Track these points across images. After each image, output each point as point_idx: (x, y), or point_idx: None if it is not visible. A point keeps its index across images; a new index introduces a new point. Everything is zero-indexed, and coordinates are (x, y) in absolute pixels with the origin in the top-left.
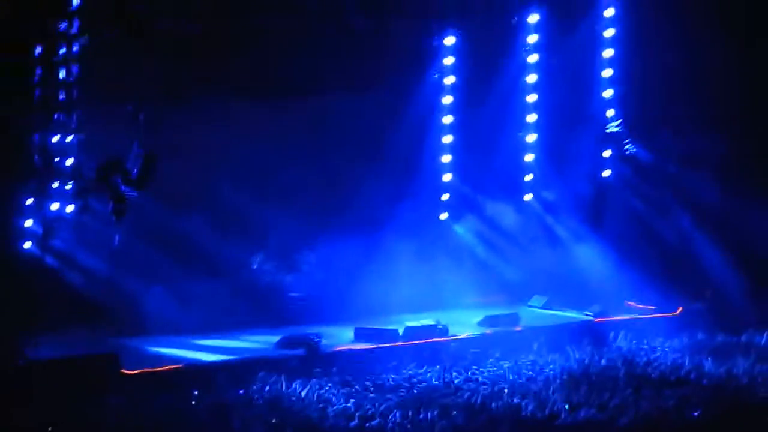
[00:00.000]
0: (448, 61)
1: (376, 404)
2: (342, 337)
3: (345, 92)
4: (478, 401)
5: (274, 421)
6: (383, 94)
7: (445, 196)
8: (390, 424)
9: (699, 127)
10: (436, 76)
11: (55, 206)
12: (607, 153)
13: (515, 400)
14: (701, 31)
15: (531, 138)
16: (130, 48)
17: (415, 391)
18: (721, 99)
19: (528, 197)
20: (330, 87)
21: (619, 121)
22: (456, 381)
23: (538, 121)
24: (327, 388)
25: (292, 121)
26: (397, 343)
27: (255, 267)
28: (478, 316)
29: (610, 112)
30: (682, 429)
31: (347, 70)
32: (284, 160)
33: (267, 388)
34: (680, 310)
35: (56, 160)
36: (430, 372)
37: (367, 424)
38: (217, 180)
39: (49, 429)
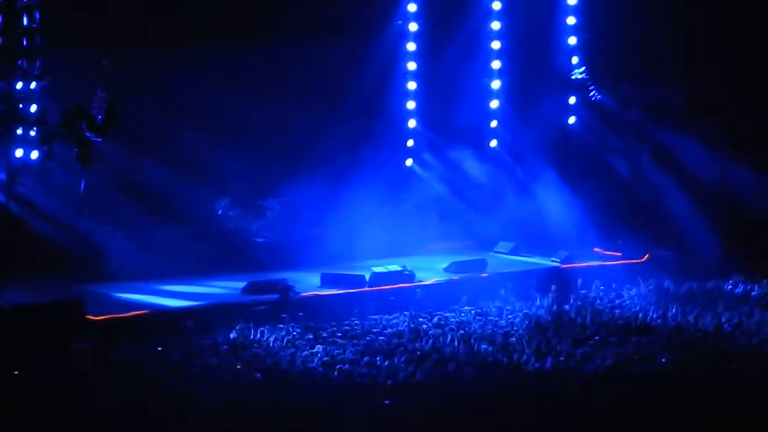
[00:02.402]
0: (412, 7)
1: (344, 350)
2: (308, 283)
3: (309, 38)
4: (445, 348)
5: (239, 367)
6: (347, 41)
7: (410, 142)
8: (357, 370)
9: (662, 74)
10: (400, 22)
11: (19, 153)
12: (571, 100)
13: (482, 347)
14: None
15: (496, 84)
16: None
17: (381, 337)
18: (684, 46)
19: (493, 143)
20: (293, 33)
21: (583, 68)
22: (423, 327)
23: (502, 67)
24: (294, 333)
25: (257, 67)
26: (363, 289)
27: (220, 213)
28: (444, 262)
29: (575, 59)
30: (648, 375)
31: (311, 16)
32: (249, 107)
33: (233, 334)
34: (646, 257)
35: (20, 106)
36: (396, 318)
37: (336, 369)
38: (182, 126)
39: (15, 373)
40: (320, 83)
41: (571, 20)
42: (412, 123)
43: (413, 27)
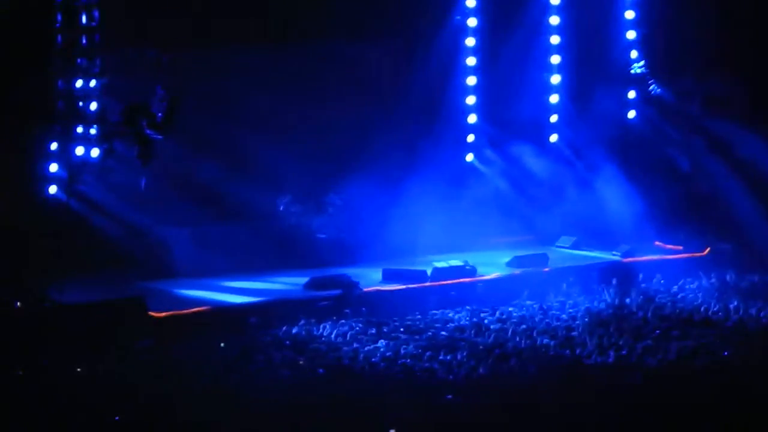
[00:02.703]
0: (471, 2)
1: (406, 345)
2: (370, 279)
3: (366, 36)
4: (507, 342)
5: (301, 362)
6: (405, 37)
7: (470, 138)
8: (420, 365)
9: (723, 69)
10: (458, 18)
11: (80, 151)
12: (631, 94)
13: (544, 341)
14: None
15: (555, 79)
16: None
17: (444, 332)
18: (745, 41)
19: (553, 138)
20: (354, 32)
21: (642, 62)
22: (485, 321)
23: (562, 62)
24: (357, 329)
25: (315, 66)
26: (425, 284)
27: (282, 209)
28: (506, 257)
29: (634, 54)
30: (710, 369)
31: (367, 13)
32: (308, 105)
33: (296, 329)
34: (708, 250)
35: (80, 104)
36: (458, 313)
37: (398, 364)
38: (242, 124)
39: (77, 370)
40: (379, 80)
41: (630, 14)
42: (472, 118)
43: (472, 22)
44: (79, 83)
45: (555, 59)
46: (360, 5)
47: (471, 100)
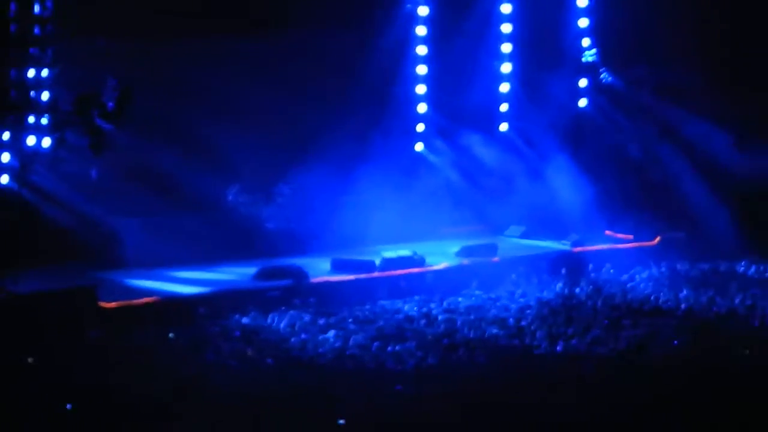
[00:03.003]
0: None
1: (355, 335)
2: (319, 269)
3: (317, 24)
4: (456, 332)
5: (250, 353)
6: (357, 26)
7: (420, 127)
8: (369, 356)
9: (674, 58)
10: (409, 6)
11: (31, 140)
12: (582, 82)
13: (493, 331)
14: None
15: (506, 68)
16: None
17: (393, 322)
18: (696, 30)
19: (504, 127)
20: (302, 19)
21: (594, 51)
22: (434, 312)
23: (513, 50)
24: (306, 319)
25: (266, 56)
26: (374, 274)
27: (230, 199)
28: (455, 247)
29: (586, 42)
30: (660, 358)
31: (321, 3)
32: (259, 94)
33: (245, 320)
34: (658, 239)
35: (32, 94)
36: (407, 303)
37: (347, 355)
38: (193, 114)
39: (29, 360)
40: (330, 69)
41: (582, 2)
42: (422, 107)
43: (423, 11)
44: (31, 73)
45: (506, 48)
46: None
47: (421, 89)
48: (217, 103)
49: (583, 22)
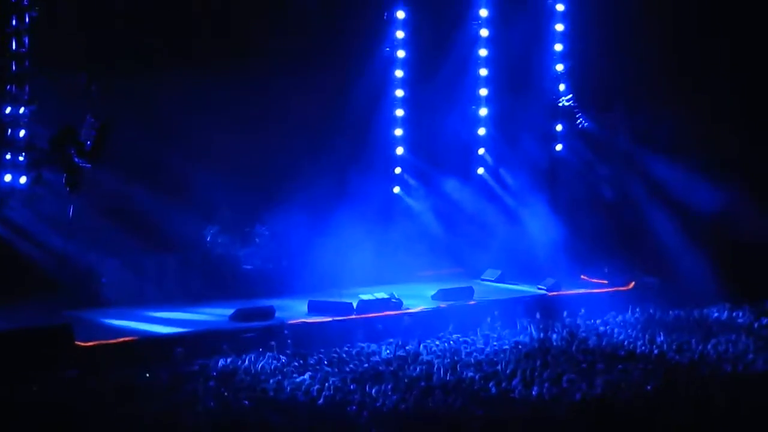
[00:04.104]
0: (400, 34)
1: (332, 377)
2: (296, 310)
3: (297, 66)
4: (433, 375)
5: (226, 394)
6: (335, 69)
7: (397, 170)
8: (345, 398)
9: (650, 104)
10: (387, 49)
11: (8, 178)
12: (558, 127)
13: (469, 374)
14: (654, 8)
15: (483, 112)
16: (82, 20)
17: (367, 365)
18: (672, 76)
19: (480, 171)
20: (282, 61)
21: (570, 96)
22: (410, 354)
23: (489, 94)
24: (282, 361)
25: (245, 95)
26: (351, 317)
27: (209, 240)
28: (432, 290)
29: (562, 87)
30: (635, 402)
31: (299, 44)
32: (237, 134)
33: (221, 361)
34: (632, 284)
35: (9, 131)
36: (384, 345)
37: (323, 397)
38: (171, 153)
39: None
40: (308, 110)
41: (558, 47)
42: (399, 150)
43: (401, 54)
44: (8, 110)
45: (483, 92)
46: (290, 37)
47: (399, 131)
48: (196, 144)
49: (560, 67)
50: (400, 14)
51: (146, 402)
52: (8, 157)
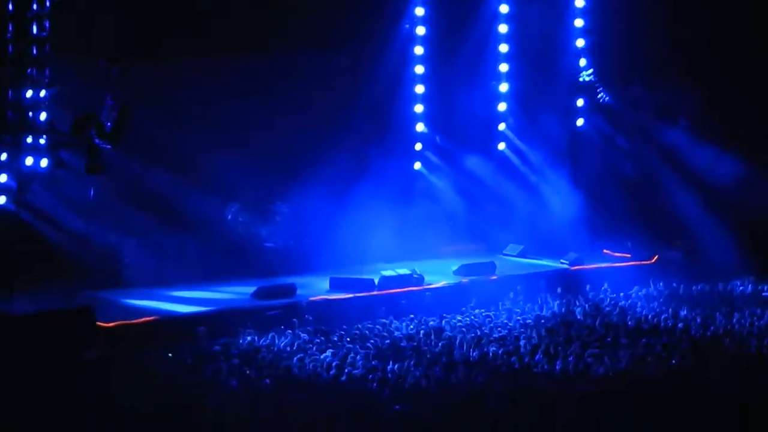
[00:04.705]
0: (419, 11)
1: (354, 354)
2: (317, 288)
3: (316, 45)
4: (455, 350)
5: (248, 372)
6: (354, 47)
7: (418, 146)
8: (368, 374)
9: (671, 78)
10: (407, 26)
11: (29, 161)
12: (580, 102)
13: (491, 349)
14: None
15: (504, 87)
16: (102, 4)
17: (389, 341)
18: (692, 51)
19: (501, 146)
20: (299, 40)
21: (591, 71)
22: (432, 330)
23: (510, 70)
24: (304, 338)
25: (262, 75)
26: (372, 293)
27: (230, 218)
28: (454, 265)
29: (583, 62)
30: (659, 377)
31: (318, 24)
32: (256, 114)
33: (244, 339)
34: (656, 258)
35: (30, 114)
36: (406, 321)
37: (345, 374)
38: (192, 134)
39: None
40: (328, 89)
41: (579, 23)
42: (420, 126)
43: (421, 31)
44: (29, 93)
45: (504, 67)
46: (310, 15)
47: (419, 108)
48: (217, 124)
49: (580, 42)
50: None
51: (168, 382)
52: (29, 140)
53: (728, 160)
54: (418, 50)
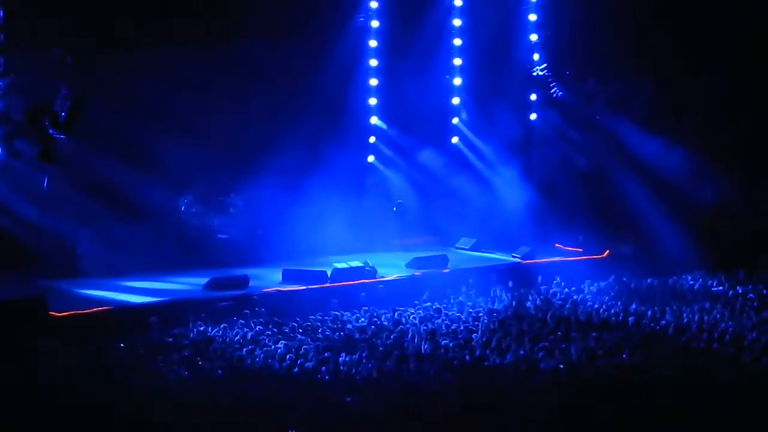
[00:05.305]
0: (373, 4)
1: (306, 346)
2: (270, 279)
3: (269, 36)
4: (407, 343)
5: (200, 363)
6: (308, 39)
7: (371, 139)
8: (320, 366)
9: (624, 73)
10: (361, 19)
11: None
12: (533, 97)
13: (443, 342)
14: None
15: (457, 81)
16: None
17: (342, 333)
18: (646, 43)
19: (455, 140)
20: (254, 31)
21: (544, 65)
22: (385, 323)
23: (464, 64)
24: (256, 329)
25: (217, 66)
26: (325, 285)
27: (183, 210)
28: (406, 258)
29: (536, 56)
30: (609, 371)
31: (271, 15)
32: (210, 105)
33: (196, 329)
34: (607, 252)
35: None
36: (358, 314)
37: (297, 365)
38: (145, 124)
39: None
40: (282, 81)
41: (532, 17)
42: (374, 119)
43: (375, 24)
44: None
45: (457, 61)
46: (265, 6)
47: (373, 101)
48: (170, 115)
49: (534, 37)
50: None
51: (120, 372)
52: None
53: (680, 154)
54: (372, 43)
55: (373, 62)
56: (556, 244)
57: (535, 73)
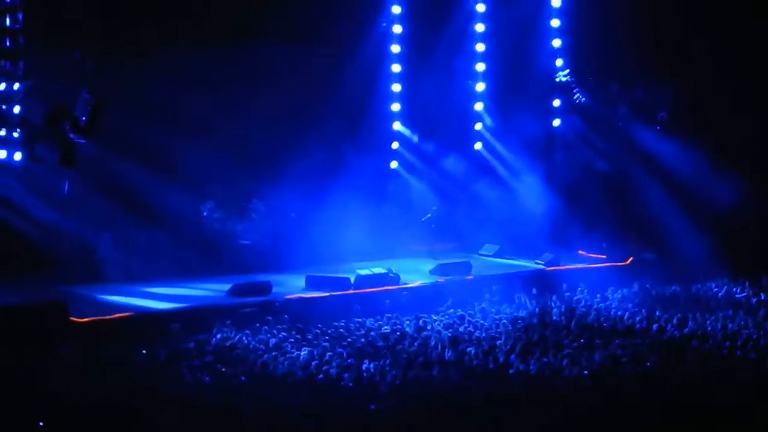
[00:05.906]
0: (396, 9)
1: (329, 353)
2: (293, 286)
3: (292, 42)
4: (430, 350)
5: (224, 369)
6: (331, 44)
7: (394, 145)
8: (343, 373)
9: (648, 78)
10: (384, 24)
11: (2, 154)
12: (556, 102)
13: (467, 349)
14: None
15: (480, 87)
16: None
17: (364, 339)
18: (669, 50)
19: (478, 146)
20: (277, 37)
21: (567, 71)
22: (408, 329)
23: (486, 69)
24: (279, 336)
25: (238, 70)
26: (348, 291)
27: (205, 215)
28: (430, 265)
29: (559, 62)
30: (633, 378)
31: (295, 20)
32: (234, 110)
33: (218, 335)
34: (630, 259)
35: (3, 107)
36: (382, 320)
37: (321, 371)
38: (168, 129)
39: None
40: (305, 87)
41: (555, 23)
42: (396, 125)
43: (398, 29)
44: (2, 86)
45: (480, 66)
46: (287, 12)
47: (396, 107)
48: (190, 119)
49: (557, 42)
50: None
51: (142, 378)
52: (2, 133)
53: (703, 159)
54: (395, 48)
55: (396, 68)
56: (580, 251)
57: (558, 79)
